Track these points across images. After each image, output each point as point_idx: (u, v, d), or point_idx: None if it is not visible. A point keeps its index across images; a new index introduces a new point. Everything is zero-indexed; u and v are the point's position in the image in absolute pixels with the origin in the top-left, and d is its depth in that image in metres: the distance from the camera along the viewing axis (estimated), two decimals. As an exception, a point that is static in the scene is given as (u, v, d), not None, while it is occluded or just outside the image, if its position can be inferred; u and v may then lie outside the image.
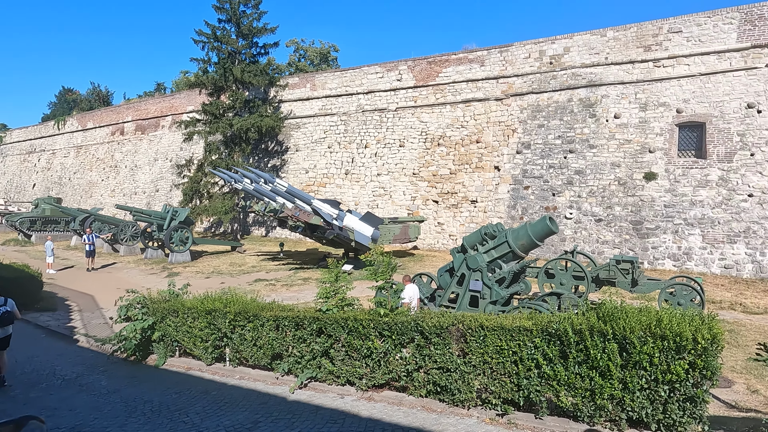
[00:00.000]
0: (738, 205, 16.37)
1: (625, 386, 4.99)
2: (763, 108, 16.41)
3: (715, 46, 17.31)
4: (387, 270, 6.65)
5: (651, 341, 4.83)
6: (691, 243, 16.72)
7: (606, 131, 18.70)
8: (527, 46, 20.62)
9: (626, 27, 18.83)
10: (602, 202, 18.32)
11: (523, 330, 5.54)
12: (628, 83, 18.61)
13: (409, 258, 19.76)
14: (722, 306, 12.89)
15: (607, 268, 12.03)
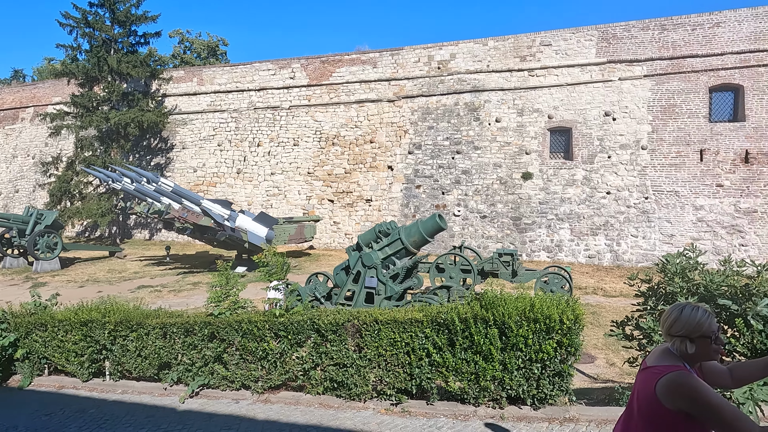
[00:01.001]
0: (598, 201, 18.51)
1: (505, 367, 5.47)
2: (617, 116, 18.71)
3: (578, 59, 19.38)
4: (281, 270, 6.59)
5: (526, 325, 5.35)
6: (562, 236, 18.58)
7: (489, 134, 20.10)
8: (417, 50, 21.46)
9: (505, 38, 20.39)
10: (486, 200, 19.67)
11: (414, 322, 5.82)
12: (507, 90, 20.17)
13: (306, 258, 19.64)
14: (587, 291, 14.51)
15: (491, 261, 13.00)
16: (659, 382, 2.38)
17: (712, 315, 2.48)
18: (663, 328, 2.56)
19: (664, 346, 2.59)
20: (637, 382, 2.59)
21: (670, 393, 2.33)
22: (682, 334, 2.44)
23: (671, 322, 2.49)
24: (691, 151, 17.82)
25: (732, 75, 17.68)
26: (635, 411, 2.54)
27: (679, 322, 2.46)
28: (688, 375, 2.35)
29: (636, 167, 18.31)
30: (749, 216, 17.04)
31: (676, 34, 18.31)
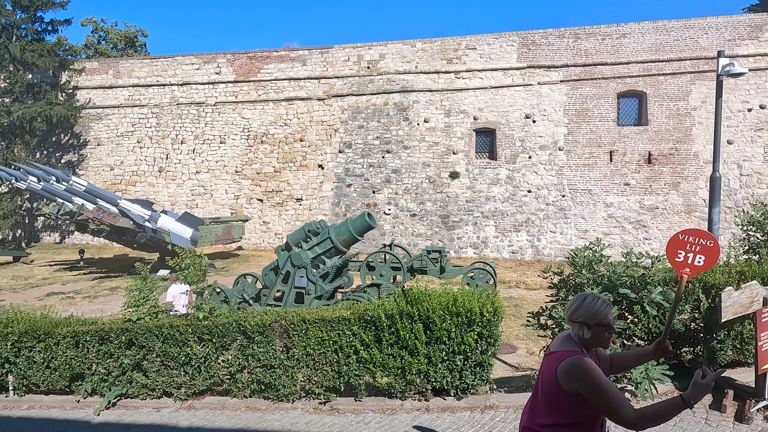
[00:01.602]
0: (520, 199, 19.46)
1: (430, 360, 5.66)
2: (536, 118, 19.76)
3: (501, 63, 20.26)
4: (198, 273, 6.38)
5: (449, 318, 5.56)
6: (487, 233, 19.35)
7: (418, 134, 20.52)
8: (346, 49, 21.48)
9: (432, 40, 20.89)
10: (416, 198, 20.08)
11: (342, 320, 5.87)
12: (435, 91, 20.69)
13: (234, 259, 19.10)
14: (510, 285, 15.22)
15: (420, 259, 13.28)
16: (559, 366, 2.57)
17: (610, 306, 2.70)
18: (566, 314, 2.77)
19: (566, 333, 2.79)
20: (542, 367, 2.79)
21: (567, 375, 2.53)
22: (581, 321, 2.64)
23: (573, 309, 2.69)
24: (602, 152, 19.18)
25: (636, 82, 19.23)
26: (540, 394, 2.73)
27: (580, 310, 2.66)
28: (584, 359, 2.55)
29: (554, 167, 19.43)
30: (652, 212, 18.62)
31: (588, 42, 19.62)
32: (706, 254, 3.55)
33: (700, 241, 3.60)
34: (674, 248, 3.69)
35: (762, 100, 18.30)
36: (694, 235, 3.63)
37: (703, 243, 3.57)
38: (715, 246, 3.50)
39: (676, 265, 3.63)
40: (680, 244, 3.67)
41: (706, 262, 3.48)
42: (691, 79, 18.67)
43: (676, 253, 3.65)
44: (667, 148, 18.76)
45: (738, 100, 18.38)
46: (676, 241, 3.69)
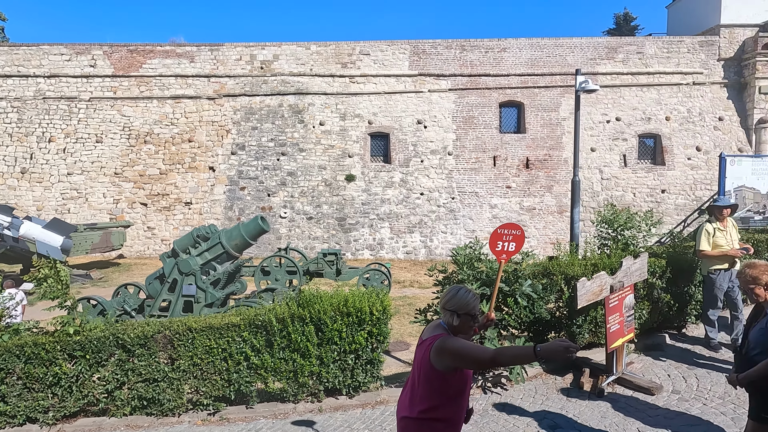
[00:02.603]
0: (414, 202, 20.23)
1: (322, 361, 5.72)
2: (428, 124, 20.67)
3: (394, 70, 20.92)
4: (58, 285, 5.84)
5: (340, 319, 5.68)
6: (383, 234, 19.86)
7: (313, 137, 20.49)
8: (238, 48, 20.84)
9: (327, 44, 20.99)
10: (312, 201, 20.02)
11: (231, 326, 5.73)
12: (330, 94, 20.80)
13: (114, 268, 17.64)
14: (404, 285, 15.76)
15: (316, 262, 13.30)
16: (432, 349, 2.81)
17: (477, 299, 3.00)
18: (441, 303, 3.02)
19: (435, 322, 3.05)
20: (416, 356, 3.00)
21: (436, 354, 2.78)
22: (453, 309, 2.91)
23: (448, 298, 2.96)
24: (486, 157, 20.58)
25: (515, 93, 20.91)
26: (417, 383, 2.93)
27: (453, 300, 2.93)
28: (449, 336, 2.85)
29: (444, 171, 20.47)
30: (530, 212, 20.35)
31: (473, 54, 20.95)
32: (516, 241, 4.64)
33: (512, 232, 4.68)
34: (494, 241, 4.75)
35: (618, 113, 20.82)
36: (507, 228, 4.75)
37: (514, 233, 4.65)
38: (521, 234, 4.60)
39: (497, 254, 4.73)
40: (498, 237, 4.73)
41: (516, 247, 4.58)
42: (561, 93, 20.72)
43: (496, 244, 4.72)
44: (542, 154, 20.62)
45: (599, 113, 20.75)
46: (495, 235, 4.76)
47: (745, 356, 3.67)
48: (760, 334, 3.62)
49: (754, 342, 3.64)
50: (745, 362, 3.62)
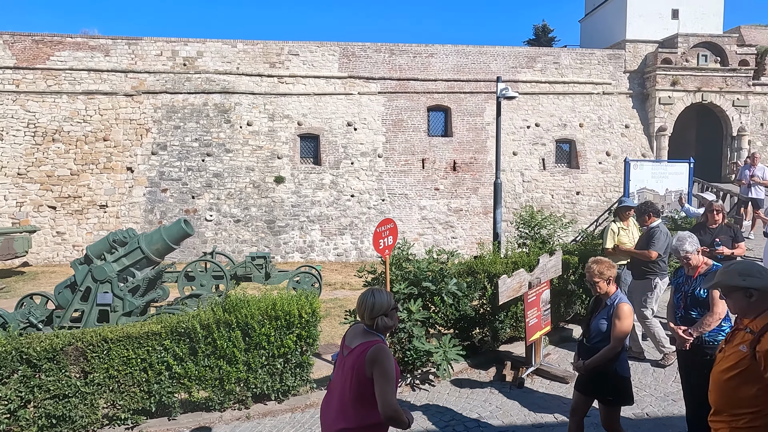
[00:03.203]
0: (344, 203, 20.24)
1: (249, 367, 5.60)
2: (358, 126, 20.78)
3: (324, 71, 20.83)
4: None
5: (268, 323, 5.58)
6: (313, 237, 19.69)
7: (240, 137, 19.94)
8: (159, 43, 19.86)
9: (254, 42, 20.52)
10: (240, 203, 19.47)
11: (151, 335, 5.45)
12: (258, 94, 20.34)
13: (18, 277, 16.20)
14: (336, 287, 15.74)
15: (243, 266, 12.97)
16: (367, 356, 2.79)
17: (388, 293, 3.07)
18: (366, 313, 2.95)
19: (358, 328, 3.04)
20: (346, 363, 2.92)
21: (372, 360, 2.78)
22: (383, 312, 2.94)
23: (371, 306, 2.93)
24: (415, 159, 21.01)
25: (443, 98, 21.53)
26: (349, 389, 2.84)
27: (378, 305, 2.93)
28: (386, 347, 2.88)
29: (374, 173, 20.65)
30: (457, 214, 21.02)
31: (402, 59, 21.33)
32: (392, 234, 5.27)
33: (388, 227, 5.22)
34: (377, 240, 5.24)
35: (537, 119, 22.02)
36: (383, 224, 5.30)
37: (389, 227, 5.22)
38: (394, 226, 5.25)
39: (380, 252, 5.19)
40: (378, 236, 5.18)
41: (393, 239, 5.22)
42: (485, 98, 21.59)
43: (378, 243, 5.14)
44: (468, 158, 21.37)
45: (520, 118, 21.84)
46: (376, 235, 5.25)
47: (588, 345, 4.04)
48: (600, 324, 3.96)
49: (595, 331, 3.99)
50: (589, 350, 3.98)
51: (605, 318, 3.95)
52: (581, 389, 4.10)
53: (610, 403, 4.00)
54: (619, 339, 3.84)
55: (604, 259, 4.14)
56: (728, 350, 2.80)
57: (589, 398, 4.09)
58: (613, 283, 4.02)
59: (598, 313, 4.06)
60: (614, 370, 3.91)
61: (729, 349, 2.79)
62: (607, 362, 3.87)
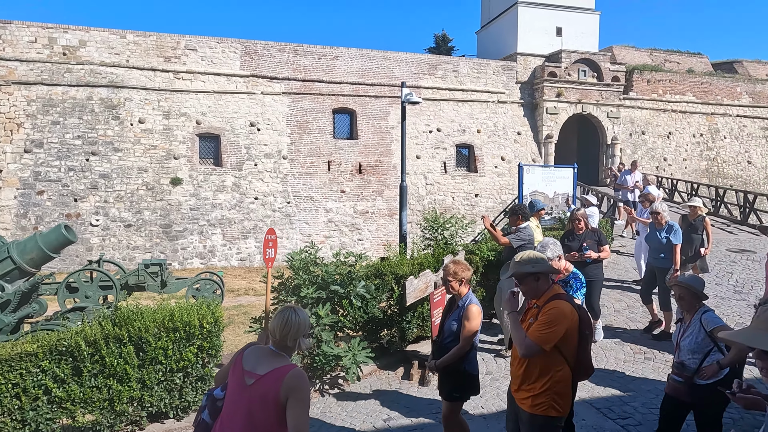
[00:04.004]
0: (248, 206, 19.55)
1: (144, 385, 5.17)
2: (261, 127, 20.19)
3: (224, 69, 19.98)
4: None
5: (165, 335, 5.19)
6: (214, 241, 18.78)
7: (131, 135, 18.48)
8: (33, 28, 17.82)
9: (146, 34, 19.15)
10: (131, 207, 18.03)
11: (25, 356, 4.83)
12: (151, 90, 18.99)
13: None
14: (239, 293, 15.14)
15: (136, 274, 12.01)
16: (286, 380, 2.49)
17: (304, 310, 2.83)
18: (290, 334, 2.62)
19: (262, 350, 2.69)
20: (254, 392, 2.54)
21: (290, 388, 2.48)
22: (304, 333, 2.66)
23: (297, 326, 2.62)
24: (321, 162, 20.87)
25: (348, 101, 21.61)
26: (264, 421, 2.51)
27: (303, 325, 2.65)
28: (304, 375, 2.61)
29: (279, 175, 20.19)
30: (363, 216, 21.20)
31: (306, 60, 21.09)
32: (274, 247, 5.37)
33: (271, 238, 5.41)
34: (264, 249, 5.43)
35: (438, 124, 22.90)
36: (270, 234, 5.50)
37: (272, 238, 5.41)
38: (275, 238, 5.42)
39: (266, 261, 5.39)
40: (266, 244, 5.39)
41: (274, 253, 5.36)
42: (389, 103, 22.03)
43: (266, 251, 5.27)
44: (373, 160, 21.65)
45: (423, 123, 22.56)
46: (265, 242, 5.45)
47: (440, 344, 4.12)
48: (452, 324, 4.03)
49: (447, 332, 4.06)
50: (441, 349, 4.06)
51: (456, 319, 3.98)
52: (447, 396, 4.11)
53: (454, 400, 4.06)
54: (467, 339, 3.88)
55: (461, 261, 4.19)
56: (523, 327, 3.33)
57: None
58: (466, 284, 4.04)
59: (451, 314, 4.09)
60: (463, 369, 3.97)
61: (523, 326, 3.32)
62: (457, 361, 3.91)
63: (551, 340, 3.09)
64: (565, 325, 3.11)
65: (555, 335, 3.09)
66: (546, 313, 3.15)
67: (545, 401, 3.13)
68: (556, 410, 3.15)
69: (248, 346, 2.76)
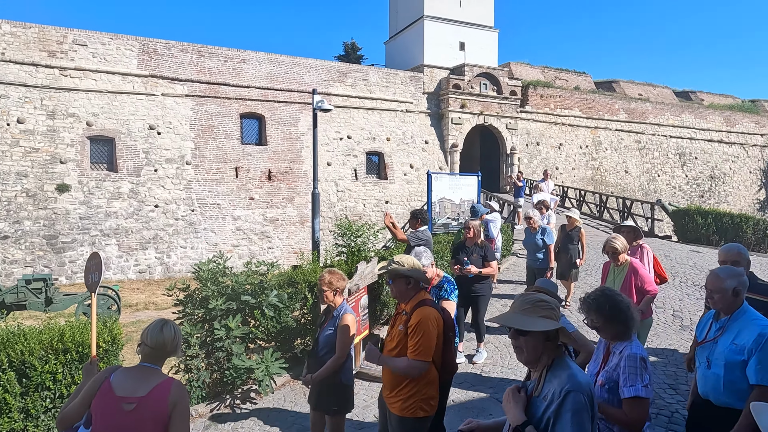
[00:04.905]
0: (147, 215, 18.31)
1: (28, 414, 4.64)
2: (162, 130, 19.04)
3: (119, 67, 18.61)
4: None
5: (54, 358, 4.71)
6: (109, 253, 17.35)
7: (8, 137, 16.59)
8: None
9: (27, 25, 17.33)
10: (8, 216, 16.15)
11: None
12: (32, 87, 17.20)
13: None
14: (138, 308, 14.11)
15: (15, 291, 10.80)
16: (171, 398, 2.46)
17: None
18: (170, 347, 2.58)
19: (132, 370, 2.58)
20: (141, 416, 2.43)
21: (175, 403, 2.47)
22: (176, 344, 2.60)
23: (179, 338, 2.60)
24: (228, 168, 20.12)
25: (256, 105, 21.08)
26: None
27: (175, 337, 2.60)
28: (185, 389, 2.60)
29: (182, 181, 19.15)
30: (273, 223, 20.74)
31: (211, 62, 20.27)
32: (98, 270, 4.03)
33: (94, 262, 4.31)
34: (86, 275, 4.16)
35: (349, 131, 23.06)
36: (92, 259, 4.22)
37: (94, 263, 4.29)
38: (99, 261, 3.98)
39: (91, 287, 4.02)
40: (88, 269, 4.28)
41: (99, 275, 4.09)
42: (300, 109, 21.82)
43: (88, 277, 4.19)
44: (283, 167, 21.28)
45: (333, 130, 22.60)
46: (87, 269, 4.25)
47: (316, 357, 3.97)
48: (327, 335, 3.92)
49: (322, 343, 3.93)
50: (318, 362, 3.90)
51: (332, 329, 3.89)
52: (312, 404, 4.03)
53: (335, 413, 3.98)
54: (343, 349, 3.78)
55: (337, 271, 4.05)
56: (392, 333, 3.46)
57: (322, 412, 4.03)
58: (341, 294, 3.97)
59: (326, 324, 3.99)
60: (339, 380, 3.87)
61: (392, 332, 3.46)
62: (333, 373, 3.81)
63: (431, 349, 3.16)
64: (436, 331, 3.20)
65: (432, 343, 3.16)
66: (416, 325, 3.18)
67: (414, 403, 3.22)
68: (424, 411, 3.25)
69: (109, 372, 2.58)
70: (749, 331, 2.83)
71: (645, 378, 2.66)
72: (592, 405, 2.08)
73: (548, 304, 2.22)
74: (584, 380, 2.11)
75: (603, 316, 2.79)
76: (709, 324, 3.13)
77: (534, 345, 2.14)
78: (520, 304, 2.25)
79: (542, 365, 2.18)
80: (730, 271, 3.02)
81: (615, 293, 2.87)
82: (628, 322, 2.78)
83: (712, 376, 2.94)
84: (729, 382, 2.86)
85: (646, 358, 2.75)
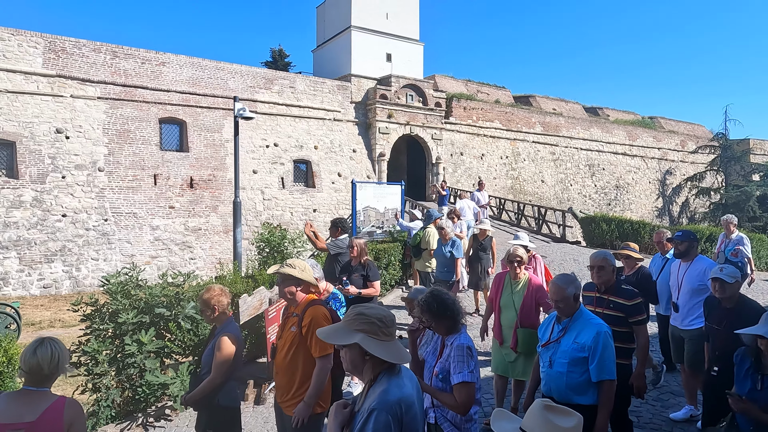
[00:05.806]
0: (53, 225, 16.99)
1: None
2: (71, 134, 17.78)
3: (21, 66, 17.20)
4: None
5: (-64, 384, 4.30)
6: (8, 267, 15.91)
7: None
8: None
9: None
10: None
11: None
12: None
13: None
14: (42, 326, 13.05)
15: None
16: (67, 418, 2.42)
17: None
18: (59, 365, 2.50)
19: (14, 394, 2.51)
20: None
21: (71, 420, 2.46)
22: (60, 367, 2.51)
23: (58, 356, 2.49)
24: (146, 175, 19.13)
25: (177, 110, 20.26)
26: None
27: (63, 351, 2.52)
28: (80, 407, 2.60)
29: (94, 189, 17.97)
30: (196, 233, 19.95)
31: (127, 63, 19.25)
32: None
33: None
34: None
35: (276, 139, 22.74)
36: None
37: None
38: None
39: None
40: None
41: None
42: (223, 115, 21.23)
43: None
44: (206, 174, 20.57)
45: (259, 137, 22.19)
46: None
47: (199, 376, 3.73)
48: (206, 355, 3.69)
49: (204, 363, 3.69)
50: (197, 383, 3.65)
51: (211, 348, 3.63)
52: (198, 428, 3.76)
53: None
54: (218, 370, 3.50)
55: (215, 287, 3.75)
56: (284, 336, 3.56)
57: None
58: (224, 311, 3.69)
59: (209, 343, 3.74)
60: (217, 402, 3.58)
61: (284, 335, 3.57)
62: (211, 394, 3.56)
63: None
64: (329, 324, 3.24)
65: None
66: (309, 324, 3.33)
67: None
68: (321, 407, 3.40)
69: None
70: (588, 330, 3.22)
71: (470, 365, 2.94)
72: (401, 422, 2.02)
73: (367, 318, 2.14)
74: (395, 398, 2.03)
75: (433, 314, 3.05)
76: (551, 326, 3.46)
77: (352, 358, 2.12)
78: (346, 316, 2.24)
79: (366, 379, 2.15)
80: (568, 279, 3.36)
81: (442, 292, 3.14)
82: (456, 317, 3.06)
83: (555, 374, 3.29)
84: (570, 379, 3.21)
85: (473, 347, 3.04)
